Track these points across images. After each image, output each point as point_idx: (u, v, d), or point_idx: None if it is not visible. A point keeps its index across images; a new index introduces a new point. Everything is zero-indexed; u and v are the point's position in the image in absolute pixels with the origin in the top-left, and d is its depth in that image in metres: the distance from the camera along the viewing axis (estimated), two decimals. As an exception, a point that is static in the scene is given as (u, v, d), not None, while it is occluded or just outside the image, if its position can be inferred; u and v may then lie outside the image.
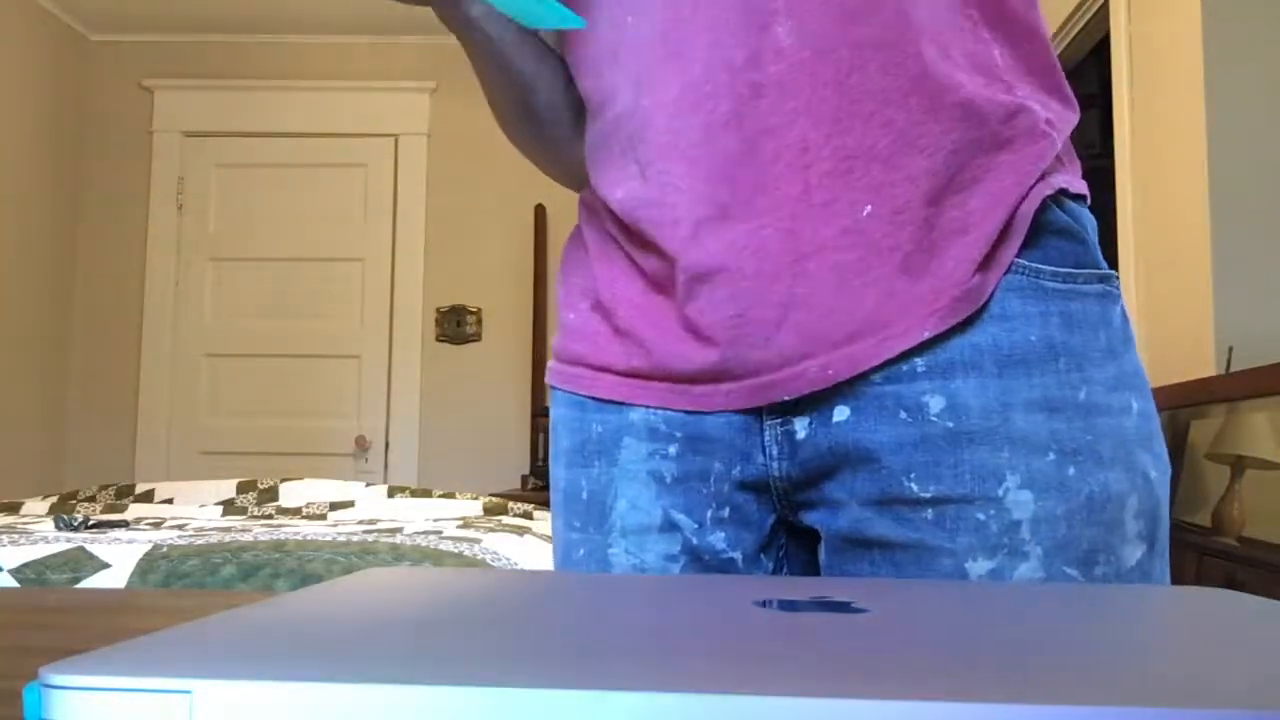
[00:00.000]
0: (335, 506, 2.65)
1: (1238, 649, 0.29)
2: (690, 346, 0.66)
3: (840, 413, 0.63)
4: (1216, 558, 2.11)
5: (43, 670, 0.24)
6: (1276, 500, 2.02)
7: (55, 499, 2.76)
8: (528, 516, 2.58)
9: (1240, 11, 2.34)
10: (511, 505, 2.70)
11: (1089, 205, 0.68)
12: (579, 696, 0.22)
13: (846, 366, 0.62)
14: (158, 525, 2.12)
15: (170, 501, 2.72)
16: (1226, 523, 2.23)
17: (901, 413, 0.61)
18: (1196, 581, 2.15)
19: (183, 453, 4.15)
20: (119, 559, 1.53)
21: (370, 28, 4.21)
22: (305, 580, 1.50)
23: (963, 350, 0.61)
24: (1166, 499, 0.64)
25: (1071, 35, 3.23)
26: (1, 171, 3.72)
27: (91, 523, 2.00)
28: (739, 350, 0.64)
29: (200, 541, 1.63)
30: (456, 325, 4.17)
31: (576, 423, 0.73)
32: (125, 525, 2.07)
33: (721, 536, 0.68)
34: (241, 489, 2.73)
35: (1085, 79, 3.82)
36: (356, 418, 4.16)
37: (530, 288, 4.15)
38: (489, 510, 2.66)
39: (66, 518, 1.94)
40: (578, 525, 0.72)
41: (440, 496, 2.73)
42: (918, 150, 0.61)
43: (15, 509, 2.62)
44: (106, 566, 1.51)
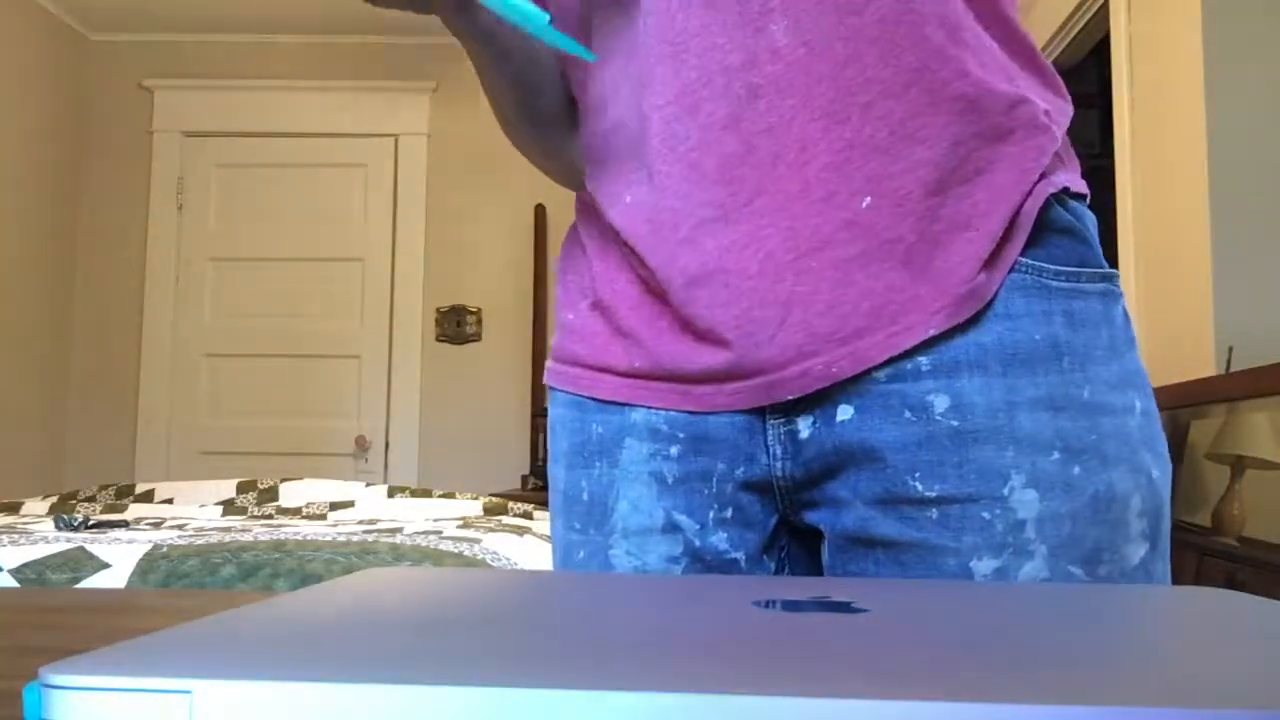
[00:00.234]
0: (335, 506, 2.65)
1: (1238, 649, 0.29)
2: (692, 348, 0.66)
3: (844, 411, 0.63)
4: (1216, 558, 2.11)
5: (43, 670, 0.24)
6: (1276, 500, 2.02)
7: (55, 499, 2.76)
8: (528, 516, 2.58)
9: (1240, 11, 2.34)
10: (511, 505, 2.70)
11: (1088, 205, 0.68)
12: (579, 696, 0.22)
13: (850, 364, 0.61)
14: (158, 525, 2.12)
15: (170, 501, 2.72)
16: (1226, 523, 2.23)
17: (906, 412, 0.61)
18: (1196, 581, 2.15)
19: (183, 453, 4.15)
20: (119, 559, 1.53)
21: (370, 28, 4.21)
22: (305, 580, 1.50)
23: (967, 349, 0.61)
24: (1168, 498, 0.64)
25: (1071, 35, 3.23)
26: (1, 171, 3.72)
27: (91, 523, 2.00)
28: (742, 350, 0.63)
29: (200, 541, 1.63)
30: (456, 325, 4.17)
31: (576, 423, 0.72)
32: (125, 525, 2.07)
33: (724, 537, 0.67)
34: (241, 489, 2.73)
35: (1085, 79, 3.82)
36: (356, 418, 4.16)
37: (530, 288, 4.15)
38: (489, 510, 2.66)
39: (66, 518, 1.94)
40: (578, 527, 0.71)
41: (440, 496, 2.73)
42: (918, 141, 0.60)
43: (15, 509, 2.62)
44: (106, 566, 1.51)
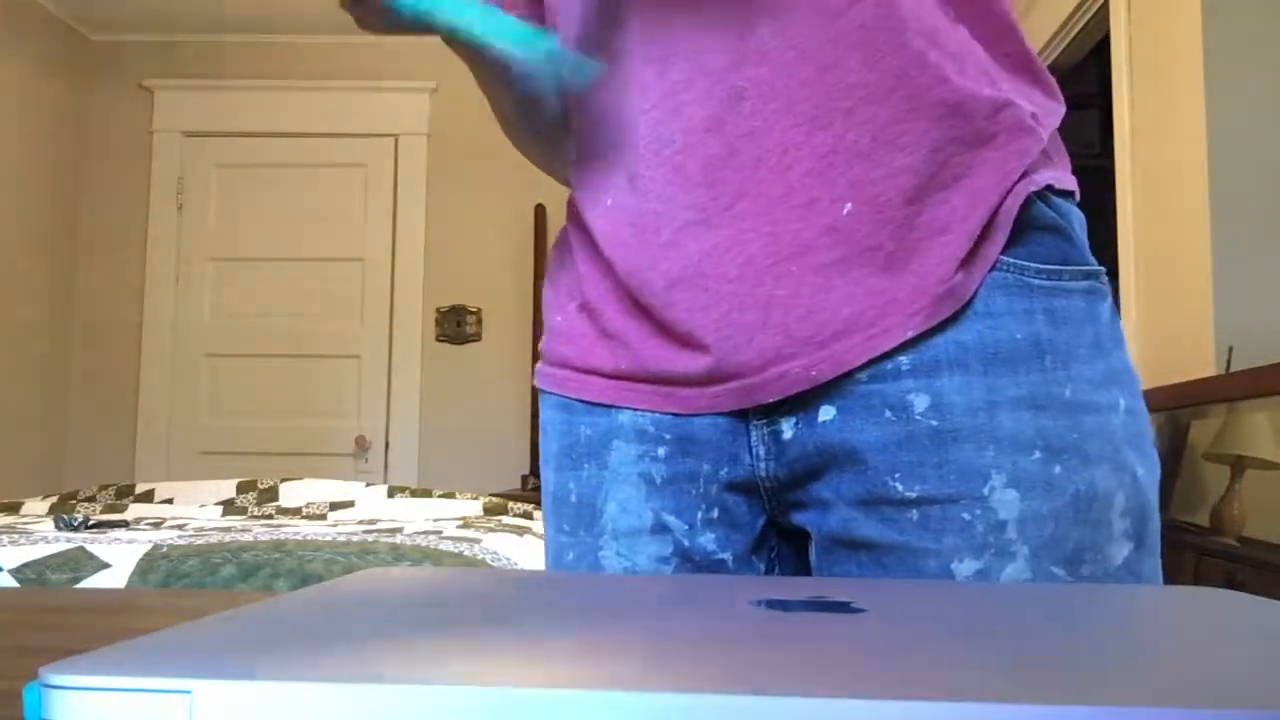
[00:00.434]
0: (335, 506, 2.65)
1: (1238, 649, 0.29)
2: (673, 351, 0.66)
3: (826, 412, 0.63)
4: (1216, 558, 2.11)
5: (43, 670, 0.24)
6: (1276, 500, 2.02)
7: (55, 499, 2.76)
8: (528, 516, 2.58)
9: (1240, 11, 2.34)
10: (511, 505, 2.70)
11: (1079, 202, 0.67)
12: (579, 696, 0.22)
13: (830, 367, 0.61)
14: (158, 525, 2.12)
15: (170, 501, 2.72)
16: (1226, 523, 2.23)
17: (886, 412, 0.61)
18: (1196, 581, 2.15)
19: (183, 453, 4.15)
20: (119, 559, 1.53)
21: (370, 28, 4.20)
22: (305, 580, 1.50)
23: (947, 348, 0.60)
24: (1155, 497, 0.63)
25: (1071, 35, 3.23)
26: (2, 171, 3.72)
27: (91, 523, 2.00)
28: (721, 354, 0.63)
29: (200, 541, 1.63)
30: (456, 325, 4.17)
31: (565, 425, 0.72)
32: (125, 525, 2.07)
33: (712, 538, 0.67)
34: (241, 489, 2.73)
35: (1085, 79, 3.82)
36: (356, 418, 4.16)
37: (530, 288, 4.15)
38: (489, 510, 2.66)
39: (66, 518, 1.94)
40: (567, 529, 0.72)
41: (440, 496, 2.73)
42: (899, 147, 0.60)
43: (15, 509, 2.62)
44: (106, 566, 1.51)
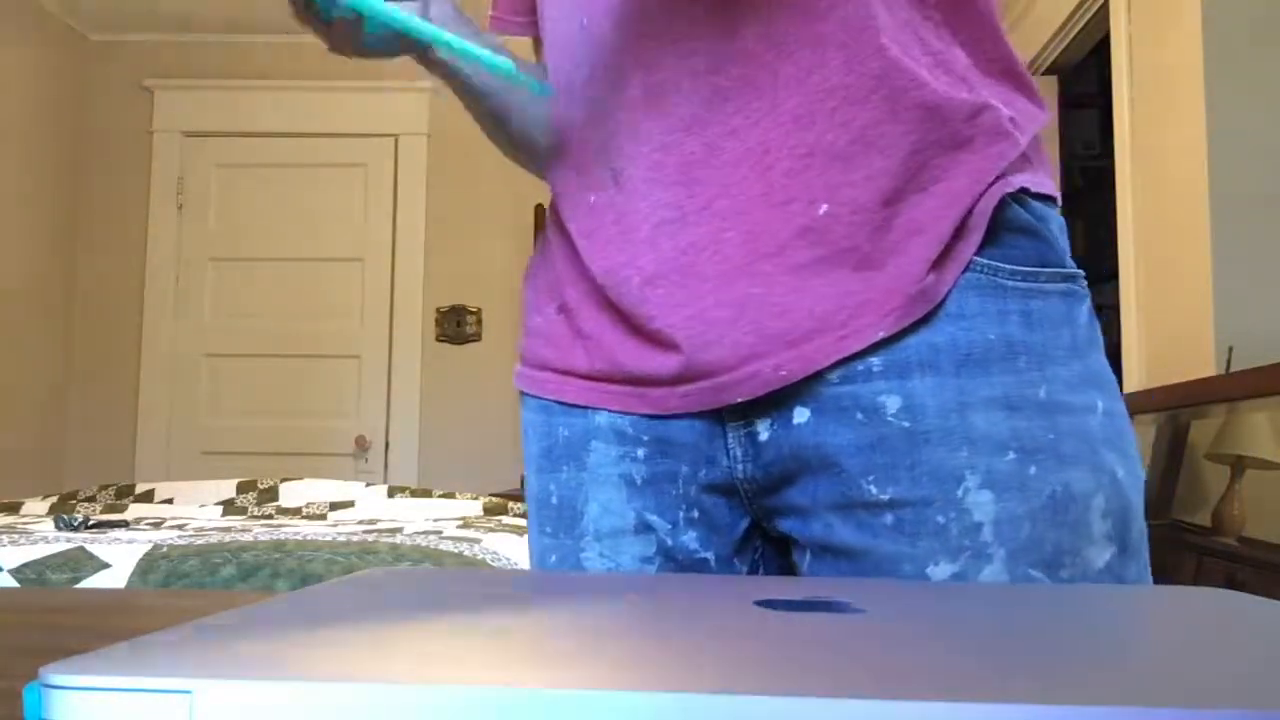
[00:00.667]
0: (335, 506, 2.65)
1: (1238, 649, 0.29)
2: (645, 351, 0.66)
3: (800, 414, 0.62)
4: (1216, 558, 2.11)
5: (43, 670, 0.24)
6: (1276, 500, 2.02)
7: (55, 499, 2.76)
8: (527, 516, 2.58)
9: (1240, 11, 2.34)
10: (511, 505, 2.70)
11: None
12: (579, 696, 0.22)
13: (799, 366, 0.61)
14: (158, 525, 2.12)
15: (170, 501, 2.72)
16: (1226, 523, 2.23)
17: (858, 414, 0.60)
18: (1196, 581, 2.15)
19: (183, 453, 4.15)
20: (119, 559, 1.53)
21: (370, 28, 4.20)
22: (305, 580, 1.50)
23: (919, 350, 0.60)
24: (1139, 500, 0.62)
25: (1071, 35, 3.23)
26: (2, 171, 3.72)
27: (91, 523, 2.00)
28: (692, 353, 0.63)
29: (200, 541, 1.63)
30: (456, 325, 4.17)
31: (544, 427, 0.73)
32: (125, 525, 2.07)
33: (694, 536, 0.67)
34: (241, 489, 2.73)
35: (1085, 79, 3.82)
36: (356, 418, 4.16)
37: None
38: (489, 510, 2.66)
39: (66, 518, 1.94)
40: (549, 530, 0.72)
41: (440, 496, 2.73)
42: (876, 150, 0.60)
43: (15, 509, 2.62)
44: (106, 566, 1.51)
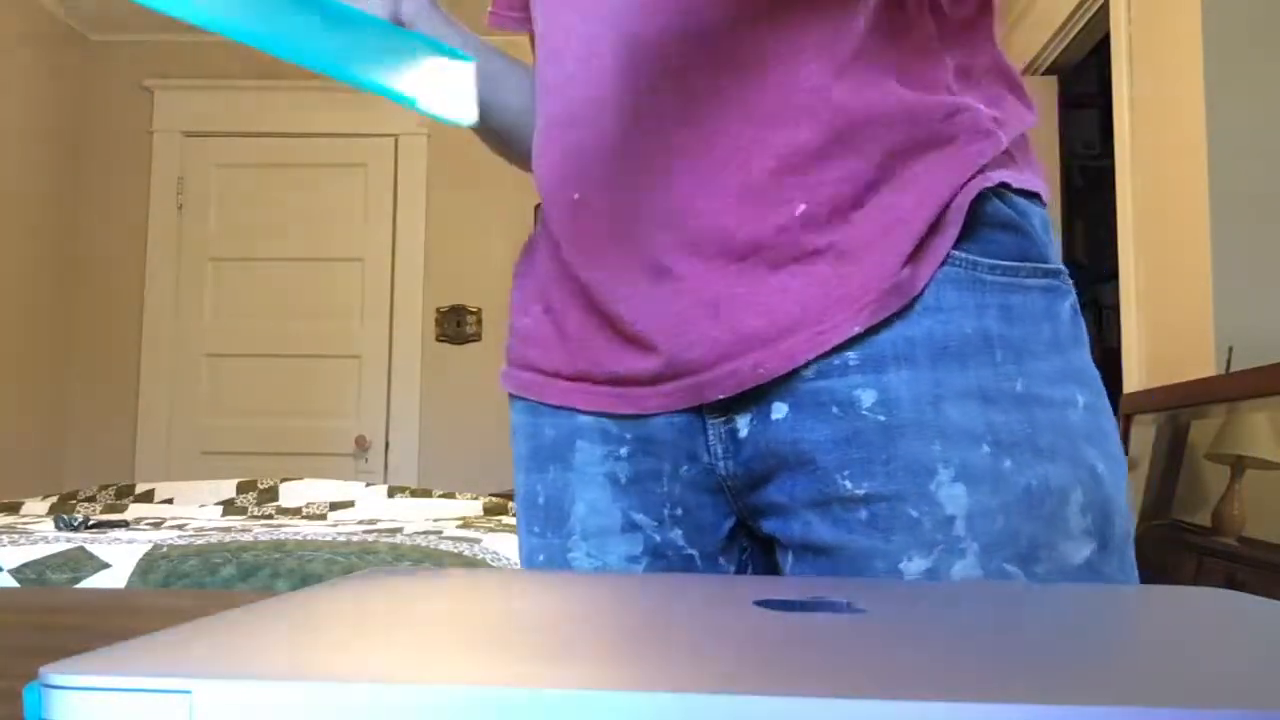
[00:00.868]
0: (335, 506, 2.65)
1: (1238, 649, 0.29)
2: (626, 351, 0.67)
3: (778, 410, 0.62)
4: (1216, 558, 2.11)
5: (43, 670, 0.24)
6: (1276, 500, 2.02)
7: (55, 499, 2.76)
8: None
9: (1240, 11, 2.34)
10: (511, 505, 2.70)
11: (1046, 203, 0.67)
12: (579, 696, 0.22)
13: (777, 363, 0.61)
14: (158, 525, 2.12)
15: (170, 501, 2.72)
16: (1226, 523, 2.23)
17: (834, 408, 0.60)
18: (1196, 581, 2.15)
19: (183, 453, 4.15)
20: (119, 559, 1.53)
21: (370, 28, 4.20)
22: (305, 580, 1.50)
23: (895, 343, 0.60)
24: (1121, 496, 0.62)
25: (1071, 35, 3.23)
26: (1, 171, 3.72)
27: (91, 523, 2.00)
28: (673, 351, 0.64)
29: (200, 541, 1.63)
30: (456, 325, 4.17)
31: (531, 428, 0.73)
32: (125, 525, 2.07)
33: (680, 534, 0.68)
34: (241, 489, 2.73)
35: (1085, 79, 3.82)
36: (356, 418, 4.16)
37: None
38: (489, 510, 2.66)
39: (66, 518, 1.94)
40: (537, 530, 0.72)
41: (440, 496, 2.73)
42: (853, 150, 0.60)
43: (15, 509, 2.62)
44: (106, 566, 1.51)
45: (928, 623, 0.32)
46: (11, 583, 1.46)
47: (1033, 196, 0.65)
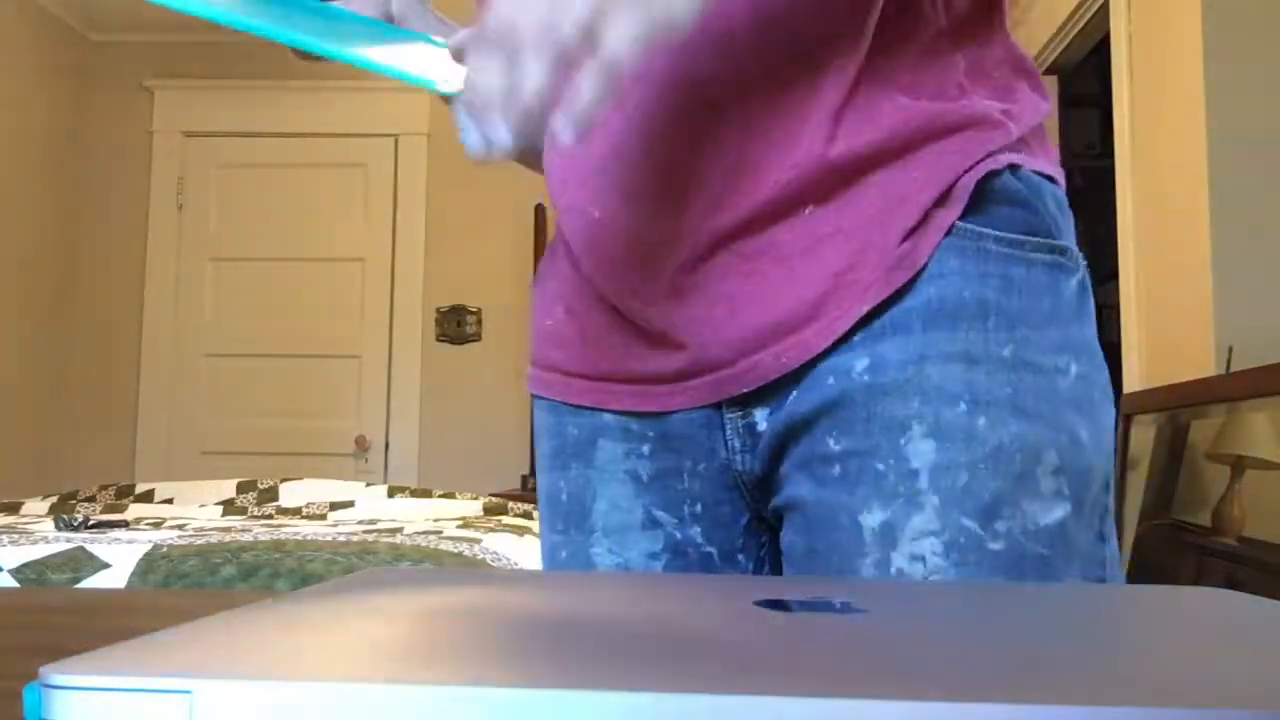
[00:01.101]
0: (335, 506, 2.65)
1: (1238, 649, 0.29)
2: (649, 350, 0.68)
3: (792, 395, 0.64)
4: (1216, 558, 2.11)
5: (43, 670, 0.24)
6: (1276, 500, 2.02)
7: (55, 499, 2.75)
8: (528, 516, 2.58)
9: (1240, 11, 2.34)
10: (511, 505, 2.70)
11: (1062, 188, 0.67)
12: (579, 696, 0.22)
13: (798, 353, 0.62)
14: (158, 525, 2.12)
15: (170, 501, 2.72)
16: (1226, 523, 2.23)
17: (830, 378, 0.62)
18: (1196, 581, 2.15)
19: (183, 453, 4.15)
20: (119, 559, 1.53)
21: (370, 28, 4.20)
22: (305, 580, 1.50)
23: (894, 315, 0.61)
24: (1104, 466, 0.62)
25: (1071, 35, 3.23)
26: (2, 171, 3.72)
27: (91, 523, 2.00)
28: (697, 349, 0.65)
29: (200, 541, 1.63)
30: (456, 325, 4.17)
31: (554, 427, 0.74)
32: (125, 525, 2.07)
33: (699, 531, 0.69)
34: (241, 489, 2.73)
35: (1085, 79, 3.81)
36: (356, 418, 4.16)
37: (530, 288, 4.15)
38: (489, 510, 2.66)
39: (66, 518, 1.94)
40: (560, 528, 0.73)
41: (440, 496, 2.73)
42: (864, 159, 0.61)
43: (15, 509, 2.62)
44: (106, 566, 1.51)
45: (928, 623, 0.32)
46: (11, 583, 1.46)
47: (1046, 177, 0.66)
